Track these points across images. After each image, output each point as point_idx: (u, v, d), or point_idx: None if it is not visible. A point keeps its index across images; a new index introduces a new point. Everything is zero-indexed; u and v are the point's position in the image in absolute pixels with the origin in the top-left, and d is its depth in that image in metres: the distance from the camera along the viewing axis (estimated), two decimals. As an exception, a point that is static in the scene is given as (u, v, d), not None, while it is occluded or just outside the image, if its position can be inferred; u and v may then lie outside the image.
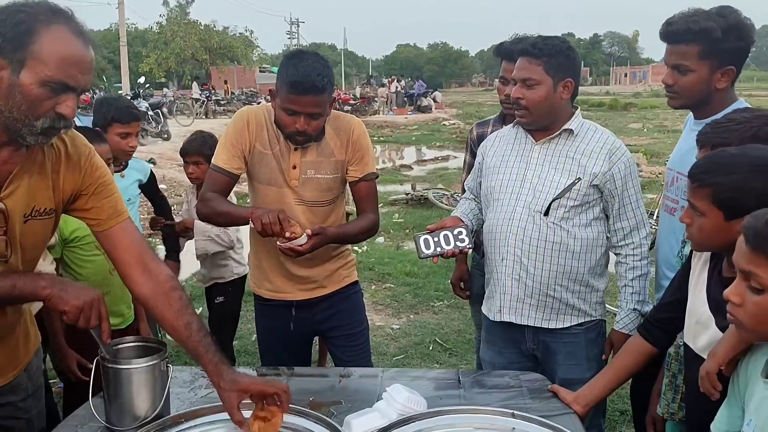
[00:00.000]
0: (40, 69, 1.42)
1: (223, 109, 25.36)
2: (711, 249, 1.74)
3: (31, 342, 1.86)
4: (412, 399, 1.75)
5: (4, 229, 1.57)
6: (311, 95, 2.16)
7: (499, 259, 2.32)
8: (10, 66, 1.42)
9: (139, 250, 1.79)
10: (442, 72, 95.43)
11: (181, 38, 41.90)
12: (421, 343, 4.73)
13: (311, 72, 2.15)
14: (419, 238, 2.24)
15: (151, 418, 1.74)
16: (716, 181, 1.59)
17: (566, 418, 1.81)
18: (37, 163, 1.62)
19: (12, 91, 1.43)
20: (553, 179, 2.25)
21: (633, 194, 2.28)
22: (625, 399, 3.47)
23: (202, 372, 2.10)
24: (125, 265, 1.78)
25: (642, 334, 1.97)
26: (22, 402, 1.80)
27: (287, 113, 2.22)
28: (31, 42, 1.42)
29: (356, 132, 2.40)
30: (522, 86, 2.24)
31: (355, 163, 2.40)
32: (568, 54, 2.24)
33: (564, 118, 2.29)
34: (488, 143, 2.51)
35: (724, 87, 2.13)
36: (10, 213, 1.57)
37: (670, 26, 2.13)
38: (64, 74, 1.45)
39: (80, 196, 1.73)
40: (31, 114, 1.46)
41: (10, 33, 1.41)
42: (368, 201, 2.46)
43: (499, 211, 2.33)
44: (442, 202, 9.58)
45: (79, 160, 1.70)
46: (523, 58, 2.25)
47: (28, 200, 1.61)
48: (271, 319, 2.57)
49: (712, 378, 1.51)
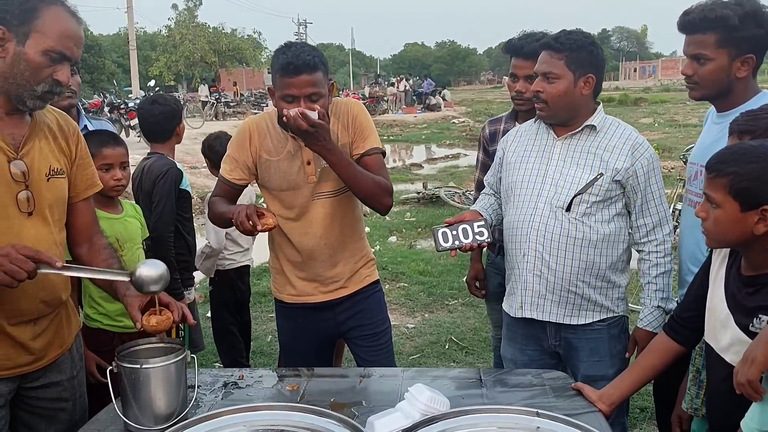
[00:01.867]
0: (42, 41, 1.67)
1: (232, 111, 25.44)
2: (726, 244, 1.72)
3: (73, 325, 1.99)
4: (434, 399, 1.73)
5: (26, 183, 1.74)
6: (305, 74, 2.15)
7: (521, 255, 2.30)
8: (15, 38, 1.67)
9: (92, 224, 2.03)
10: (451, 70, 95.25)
11: (190, 41, 42.06)
12: (437, 342, 4.71)
13: (301, 53, 2.15)
14: (437, 231, 2.22)
15: (172, 420, 1.74)
16: (733, 170, 1.58)
17: (591, 417, 1.79)
18: (44, 130, 1.83)
19: (17, 59, 1.67)
20: (575, 175, 2.23)
21: (656, 190, 2.25)
22: (645, 396, 3.44)
23: (222, 374, 2.12)
24: (78, 235, 1.98)
25: (668, 333, 1.95)
26: (68, 382, 1.93)
27: (286, 101, 2.19)
28: (35, 17, 1.67)
29: (353, 111, 2.38)
30: (543, 80, 2.23)
31: (357, 141, 2.37)
32: (591, 49, 2.22)
33: (585, 113, 2.27)
34: (509, 138, 2.49)
35: (745, 76, 2.10)
36: (30, 169, 1.75)
37: (687, 16, 2.12)
38: (63, 46, 1.70)
39: (71, 165, 1.92)
40: (33, 79, 1.69)
41: (17, 10, 1.66)
42: (378, 172, 2.34)
43: (519, 207, 2.31)
44: (453, 200, 9.56)
45: (70, 132, 1.92)
46: (546, 52, 2.23)
47: (45, 160, 1.80)
48: (294, 321, 2.55)
49: (756, 386, 1.46)
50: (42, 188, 1.77)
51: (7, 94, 1.71)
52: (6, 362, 1.75)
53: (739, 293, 1.67)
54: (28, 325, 1.79)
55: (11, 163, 1.71)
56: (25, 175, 1.73)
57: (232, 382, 2.06)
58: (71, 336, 1.96)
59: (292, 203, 2.38)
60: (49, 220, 1.81)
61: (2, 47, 1.67)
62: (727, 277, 1.74)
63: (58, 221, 1.86)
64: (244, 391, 2.00)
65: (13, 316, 1.75)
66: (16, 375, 1.79)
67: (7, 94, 1.71)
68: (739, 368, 1.50)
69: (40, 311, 1.80)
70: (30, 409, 1.86)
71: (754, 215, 1.57)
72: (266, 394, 1.99)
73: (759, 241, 1.60)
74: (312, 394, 1.96)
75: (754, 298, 1.62)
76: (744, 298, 1.65)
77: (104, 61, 40.93)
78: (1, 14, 1.65)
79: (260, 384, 2.05)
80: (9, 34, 1.66)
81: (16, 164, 1.72)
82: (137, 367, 1.72)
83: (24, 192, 1.73)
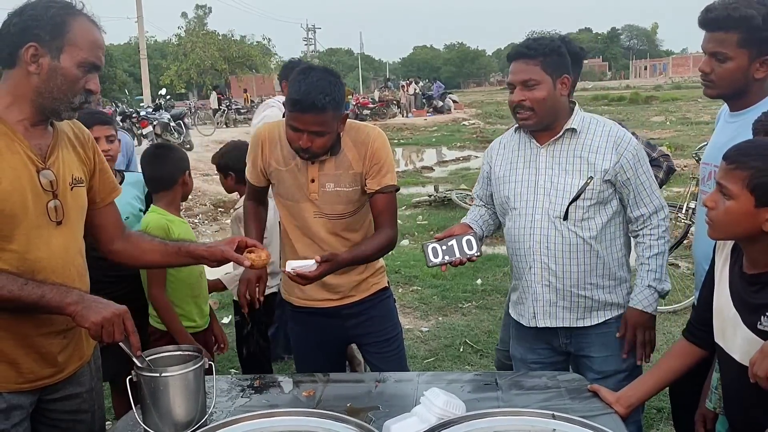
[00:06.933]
0: (76, 53, 1.71)
1: (243, 118, 25.53)
2: (731, 236, 1.72)
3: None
4: (450, 402, 1.74)
5: (55, 192, 1.77)
6: (311, 114, 2.13)
7: (527, 267, 2.31)
8: (48, 53, 1.69)
9: (121, 225, 2.09)
10: (460, 72, 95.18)
11: (200, 49, 42.33)
12: (452, 345, 4.71)
13: (312, 90, 2.11)
14: (427, 246, 2.21)
15: (192, 427, 1.76)
16: (756, 165, 1.57)
17: (607, 418, 1.79)
18: (65, 140, 1.86)
19: (53, 74, 1.70)
20: (566, 182, 2.24)
21: (645, 180, 2.26)
22: (662, 396, 3.41)
23: (239, 380, 2.14)
24: (109, 236, 2.04)
25: (687, 337, 1.94)
26: (87, 394, 1.95)
27: (291, 129, 2.20)
28: (66, 31, 1.70)
29: (375, 144, 2.35)
30: (522, 89, 2.21)
31: (373, 176, 2.35)
32: (561, 51, 2.23)
33: (564, 115, 2.28)
34: (492, 152, 2.48)
35: (762, 77, 2.08)
36: (58, 178, 1.78)
37: (710, 13, 2.09)
38: (94, 55, 1.75)
39: (91, 173, 1.95)
40: (70, 92, 1.73)
41: (48, 25, 1.68)
42: (386, 214, 2.38)
43: (518, 221, 2.32)
44: (465, 202, 9.52)
45: (85, 140, 1.95)
46: (519, 61, 2.23)
47: (68, 169, 1.83)
48: (303, 326, 2.57)
49: None
50: (68, 197, 1.81)
51: (40, 107, 1.73)
52: (29, 375, 1.77)
53: (744, 292, 1.67)
54: (57, 337, 1.81)
55: (40, 173, 1.74)
56: (53, 184, 1.77)
57: (249, 388, 2.07)
58: (90, 348, 1.98)
59: (297, 215, 2.40)
60: (76, 229, 1.85)
61: (36, 63, 1.68)
62: (731, 276, 1.74)
63: (80, 230, 1.90)
64: (262, 397, 2.02)
65: (44, 325, 1.77)
66: (38, 388, 1.80)
67: (40, 108, 1.73)
68: (757, 360, 1.49)
69: (69, 322, 1.78)
70: (50, 422, 1.88)
71: (767, 212, 1.57)
72: (283, 400, 2.00)
73: (764, 238, 1.61)
74: (328, 399, 1.97)
75: (759, 296, 1.63)
76: (749, 296, 1.65)
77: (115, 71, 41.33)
78: (33, 30, 1.67)
79: (277, 390, 2.07)
80: (42, 49, 1.68)
81: (45, 174, 1.75)
82: (156, 375, 1.73)
83: (53, 201, 1.76)
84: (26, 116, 1.73)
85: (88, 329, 1.67)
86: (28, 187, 1.71)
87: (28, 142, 1.73)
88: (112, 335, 1.68)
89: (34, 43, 1.67)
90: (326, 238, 2.38)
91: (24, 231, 1.70)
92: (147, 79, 30.51)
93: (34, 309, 1.68)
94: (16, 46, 1.68)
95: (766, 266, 1.63)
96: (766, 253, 1.63)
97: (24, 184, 1.70)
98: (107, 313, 1.67)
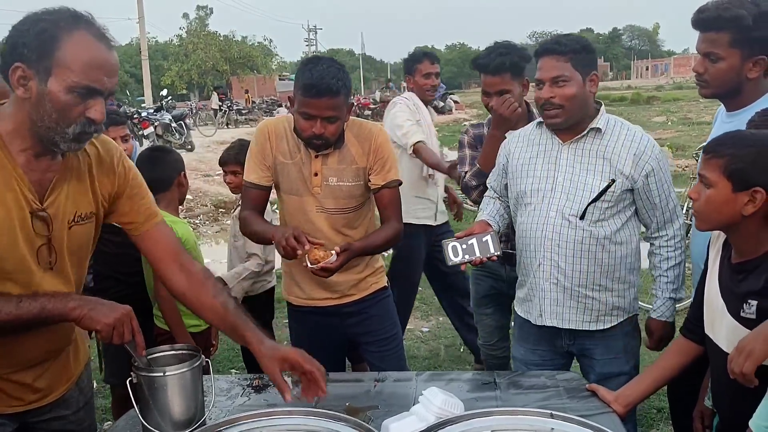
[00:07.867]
0: (66, 75, 1.43)
1: (244, 118, 25.55)
2: (715, 225, 1.75)
3: (81, 354, 1.89)
4: (449, 402, 1.74)
5: (48, 236, 1.60)
6: (326, 98, 2.17)
7: (536, 264, 2.30)
8: (36, 76, 1.44)
9: (175, 250, 1.84)
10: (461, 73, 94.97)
11: (202, 50, 42.41)
12: (452, 345, 4.71)
13: (326, 75, 2.17)
14: (448, 245, 2.19)
15: (192, 426, 1.76)
16: (731, 152, 1.65)
17: (605, 418, 1.79)
18: (75, 169, 1.65)
19: (41, 100, 1.45)
20: (586, 181, 2.21)
21: (666, 188, 2.25)
22: (662, 396, 3.41)
23: (239, 380, 2.14)
24: (163, 264, 1.83)
25: (685, 334, 1.95)
26: (74, 415, 1.84)
27: (304, 117, 2.23)
28: (56, 49, 1.42)
29: (378, 139, 2.39)
30: (551, 85, 2.18)
31: (377, 171, 2.39)
32: (590, 48, 2.24)
33: (590, 114, 2.25)
34: (510, 144, 2.45)
35: (756, 77, 2.09)
36: (53, 220, 1.60)
37: (702, 14, 2.10)
38: (90, 78, 1.46)
39: (118, 198, 1.76)
40: (62, 121, 1.47)
41: (34, 42, 1.42)
42: (391, 208, 2.45)
43: (531, 216, 2.29)
44: (465, 202, 9.51)
45: (112, 163, 1.73)
46: (549, 57, 2.19)
47: (70, 207, 1.64)
48: (303, 325, 2.58)
49: (750, 378, 1.46)
50: (63, 238, 1.64)
51: (38, 137, 1.52)
52: (13, 401, 1.68)
53: (731, 281, 1.71)
54: (30, 370, 1.69)
55: (34, 216, 1.56)
56: (48, 227, 1.59)
57: (249, 388, 2.08)
58: (79, 367, 1.87)
59: (299, 209, 2.41)
60: (69, 272, 1.69)
61: (25, 87, 1.45)
62: (720, 268, 1.77)
63: (78, 264, 1.74)
64: (261, 396, 2.03)
65: (15, 364, 1.66)
66: (24, 411, 1.72)
67: (38, 137, 1.52)
68: (733, 357, 1.49)
69: (45, 357, 1.70)
70: None
71: (745, 196, 1.63)
72: (282, 399, 2.00)
73: (745, 224, 1.66)
74: (327, 398, 1.96)
75: (743, 284, 1.66)
76: (735, 285, 1.69)
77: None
78: (18, 48, 1.43)
79: (276, 389, 2.07)
80: (29, 71, 1.43)
81: (40, 216, 1.57)
82: (153, 375, 1.73)
83: (45, 246, 1.60)
84: (29, 146, 1.54)
85: (99, 331, 1.59)
86: (19, 229, 1.54)
87: (28, 176, 1.55)
88: (122, 335, 1.62)
89: (20, 63, 1.43)
90: (327, 233, 2.38)
91: (10, 274, 1.56)
92: (148, 80, 30.50)
93: (37, 323, 1.58)
94: (6, 65, 1.45)
95: (750, 254, 1.68)
96: (748, 240, 1.68)
97: (15, 225, 1.53)
98: (117, 313, 1.61)
